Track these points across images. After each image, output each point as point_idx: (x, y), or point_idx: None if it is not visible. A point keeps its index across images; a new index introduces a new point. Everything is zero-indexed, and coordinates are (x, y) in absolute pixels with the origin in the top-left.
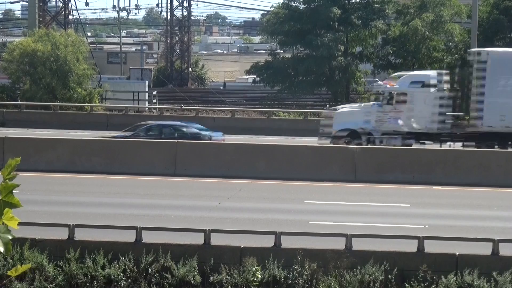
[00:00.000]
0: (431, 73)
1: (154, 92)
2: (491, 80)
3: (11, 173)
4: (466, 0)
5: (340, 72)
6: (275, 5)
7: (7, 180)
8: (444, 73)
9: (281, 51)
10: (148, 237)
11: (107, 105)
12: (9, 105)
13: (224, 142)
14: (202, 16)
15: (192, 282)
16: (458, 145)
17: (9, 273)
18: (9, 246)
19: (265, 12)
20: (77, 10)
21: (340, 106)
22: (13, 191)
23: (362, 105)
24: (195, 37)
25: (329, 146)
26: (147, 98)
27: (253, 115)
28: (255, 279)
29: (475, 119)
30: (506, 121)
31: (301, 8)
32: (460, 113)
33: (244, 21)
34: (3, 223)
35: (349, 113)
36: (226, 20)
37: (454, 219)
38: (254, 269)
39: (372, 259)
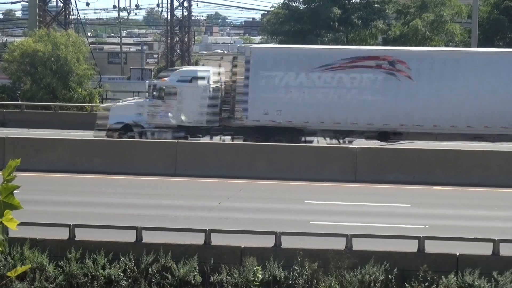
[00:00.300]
0: (201, 69)
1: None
2: (254, 75)
3: (11, 174)
4: (467, 0)
5: None
6: (275, 5)
7: (7, 182)
8: (216, 68)
9: None
10: (148, 237)
11: (108, 105)
12: (10, 105)
13: (224, 142)
14: (202, 16)
15: (193, 282)
16: (227, 139)
17: (8, 274)
18: (2, 247)
19: (266, 12)
20: (77, 10)
21: (121, 100)
22: (14, 192)
23: (135, 99)
24: (196, 37)
25: (330, 146)
26: None
27: None
28: (256, 279)
29: (241, 113)
30: (269, 115)
31: (301, 8)
32: (231, 108)
33: (244, 21)
34: (1, 224)
35: (124, 108)
36: (226, 20)
37: (455, 219)
38: (254, 269)
39: (373, 259)
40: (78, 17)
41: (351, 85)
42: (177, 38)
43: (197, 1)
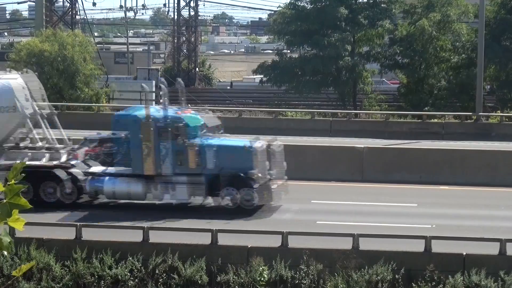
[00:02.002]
0: None
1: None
2: None
3: (18, 175)
4: None
5: (347, 72)
6: (282, 5)
7: (13, 183)
8: None
9: (288, 51)
10: (155, 237)
11: (114, 105)
12: None
13: None
14: (209, 16)
15: (199, 282)
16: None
17: (13, 273)
18: (9, 248)
19: (272, 12)
20: (84, 10)
21: None
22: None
23: None
24: (202, 37)
25: (337, 146)
26: (154, 98)
27: (260, 115)
28: (262, 279)
29: None
30: None
31: (308, 8)
32: None
33: (251, 21)
34: (5, 224)
35: None
36: (233, 20)
37: (461, 219)
38: (261, 269)
39: (380, 259)
40: (85, 17)
41: None
42: (183, 38)
43: (204, 1)
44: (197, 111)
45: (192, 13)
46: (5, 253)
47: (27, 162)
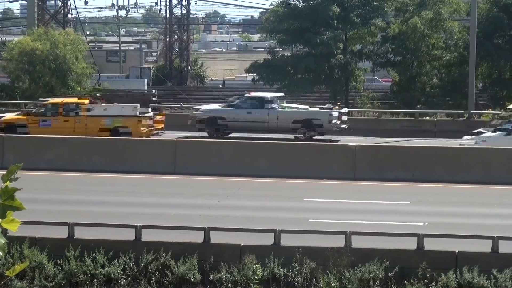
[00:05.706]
0: None
1: (153, 91)
2: None
3: (12, 177)
4: None
5: (339, 70)
6: (274, 3)
7: (7, 185)
8: None
9: (280, 49)
10: (148, 236)
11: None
12: (8, 104)
13: (225, 140)
14: (201, 14)
15: (192, 280)
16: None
17: (7, 273)
18: (4, 250)
19: (264, 10)
20: (76, 9)
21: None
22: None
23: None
24: (194, 36)
25: (329, 144)
26: None
27: None
28: (255, 277)
29: None
30: None
31: (300, 6)
32: None
33: (243, 19)
34: None
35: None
36: (225, 18)
37: (454, 216)
38: (254, 267)
39: (373, 257)
40: (77, 16)
41: None
42: (175, 36)
43: None
44: None
45: (184, 12)
46: (0, 253)
47: None
